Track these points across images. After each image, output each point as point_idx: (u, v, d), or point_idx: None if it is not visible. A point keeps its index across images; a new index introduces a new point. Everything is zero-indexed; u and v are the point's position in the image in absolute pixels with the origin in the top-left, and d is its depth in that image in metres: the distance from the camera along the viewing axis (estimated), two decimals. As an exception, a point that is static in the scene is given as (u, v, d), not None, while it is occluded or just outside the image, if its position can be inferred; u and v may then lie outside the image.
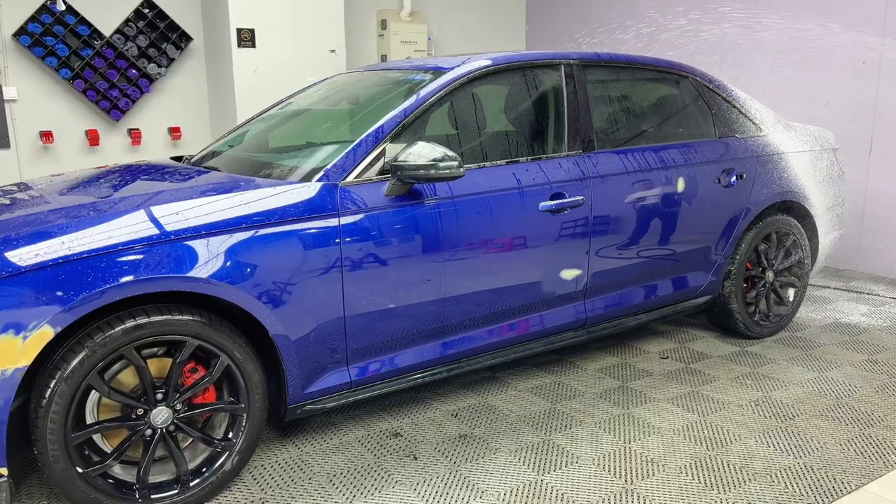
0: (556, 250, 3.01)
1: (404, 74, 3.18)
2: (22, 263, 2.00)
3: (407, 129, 2.74)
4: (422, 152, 2.53)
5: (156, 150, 5.97)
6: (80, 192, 2.63)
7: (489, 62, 3.02)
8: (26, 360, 1.97)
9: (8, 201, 2.59)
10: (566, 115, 3.14)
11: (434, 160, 2.51)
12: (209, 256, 2.23)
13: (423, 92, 2.83)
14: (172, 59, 5.83)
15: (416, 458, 2.66)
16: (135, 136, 5.77)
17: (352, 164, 2.59)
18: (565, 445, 2.76)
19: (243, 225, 2.31)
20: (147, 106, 5.86)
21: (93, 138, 5.60)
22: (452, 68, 2.96)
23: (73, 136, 5.60)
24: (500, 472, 2.57)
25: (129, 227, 2.18)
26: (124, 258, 2.10)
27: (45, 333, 1.98)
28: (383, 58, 6.91)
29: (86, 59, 5.42)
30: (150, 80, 5.75)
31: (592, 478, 2.53)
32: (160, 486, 2.28)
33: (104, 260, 2.08)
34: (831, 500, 2.40)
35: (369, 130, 2.68)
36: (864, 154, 5.17)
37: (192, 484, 2.31)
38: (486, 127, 3.15)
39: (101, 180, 2.83)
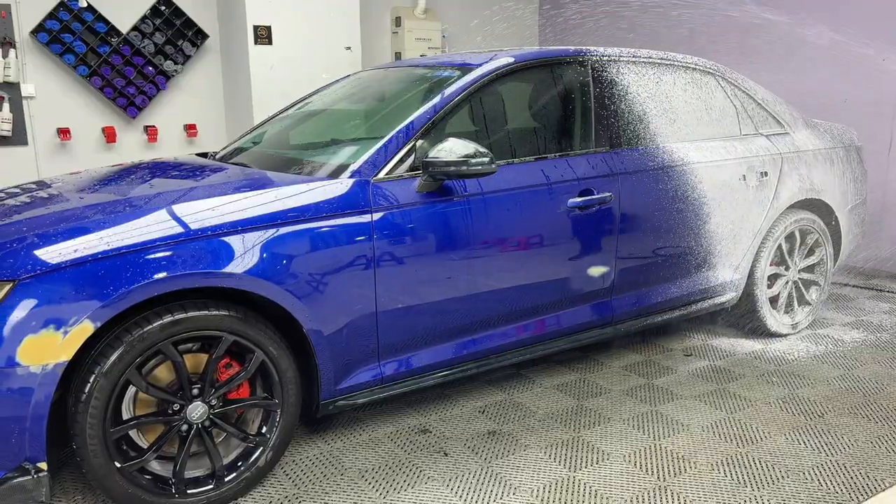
0: (584, 247, 3.00)
1: (431, 71, 3.18)
2: (62, 259, 2.01)
3: (437, 126, 2.74)
4: (453, 148, 2.52)
5: (172, 148, 5.97)
6: (111, 189, 2.63)
7: (517, 59, 3.01)
8: (66, 356, 1.98)
9: (33, 199, 2.59)
10: (593, 112, 3.13)
11: (466, 156, 2.51)
12: (244, 252, 2.23)
13: (452, 88, 2.82)
14: (189, 57, 5.83)
15: (446, 455, 2.66)
16: (151, 133, 5.77)
17: (383, 160, 2.59)
18: (595, 442, 2.75)
19: (278, 221, 2.31)
20: (163, 103, 5.86)
21: (109, 135, 5.60)
22: (480, 65, 2.95)
23: (89, 133, 5.60)
24: (531, 468, 2.57)
25: (166, 222, 2.19)
26: (162, 254, 2.10)
27: (85, 329, 1.98)
28: (398, 55, 6.90)
29: (103, 56, 5.42)
30: (167, 77, 5.75)
31: (625, 474, 2.52)
32: (196, 481, 2.28)
33: (142, 256, 2.08)
34: (865, 497, 2.40)
35: (400, 126, 2.67)
36: (884, 152, 5.14)
37: (227, 479, 2.31)
38: (514, 123, 3.14)
39: (131, 177, 2.84)
